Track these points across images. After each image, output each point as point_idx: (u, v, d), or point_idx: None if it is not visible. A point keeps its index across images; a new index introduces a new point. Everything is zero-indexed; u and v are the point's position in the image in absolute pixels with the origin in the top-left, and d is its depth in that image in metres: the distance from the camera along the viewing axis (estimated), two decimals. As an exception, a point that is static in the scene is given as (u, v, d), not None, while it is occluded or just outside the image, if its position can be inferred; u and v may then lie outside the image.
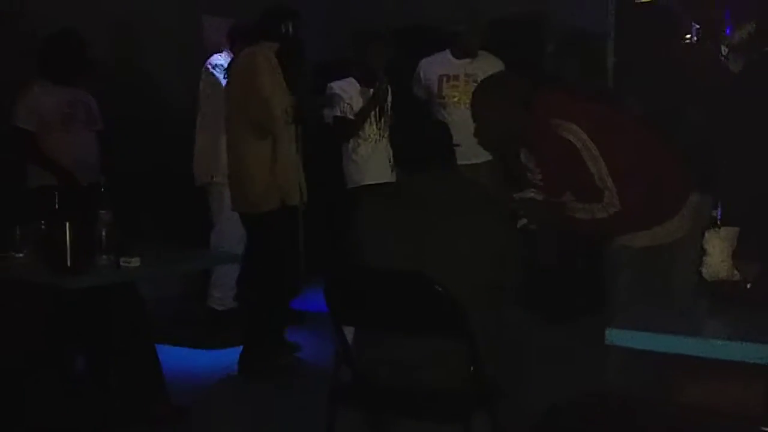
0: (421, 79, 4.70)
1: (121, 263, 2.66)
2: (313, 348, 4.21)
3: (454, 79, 4.60)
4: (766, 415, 1.75)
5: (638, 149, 2.67)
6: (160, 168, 5.01)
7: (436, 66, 4.66)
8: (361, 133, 4.40)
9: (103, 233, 2.70)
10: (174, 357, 4.13)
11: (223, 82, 4.44)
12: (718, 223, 2.13)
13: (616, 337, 1.80)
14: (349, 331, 2.59)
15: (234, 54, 4.41)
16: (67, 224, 2.55)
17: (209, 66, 4.68)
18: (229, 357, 4.18)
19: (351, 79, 4.45)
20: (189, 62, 5.06)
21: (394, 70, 4.50)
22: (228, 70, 4.30)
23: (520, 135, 2.76)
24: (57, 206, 2.64)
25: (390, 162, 4.37)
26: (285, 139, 3.90)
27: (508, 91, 2.78)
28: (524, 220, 2.79)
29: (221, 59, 4.67)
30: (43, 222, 2.77)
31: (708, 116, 3.04)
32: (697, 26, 3.73)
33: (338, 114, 4.43)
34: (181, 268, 3.05)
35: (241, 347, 4.05)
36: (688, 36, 3.82)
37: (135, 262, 2.66)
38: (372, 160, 4.40)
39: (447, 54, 4.66)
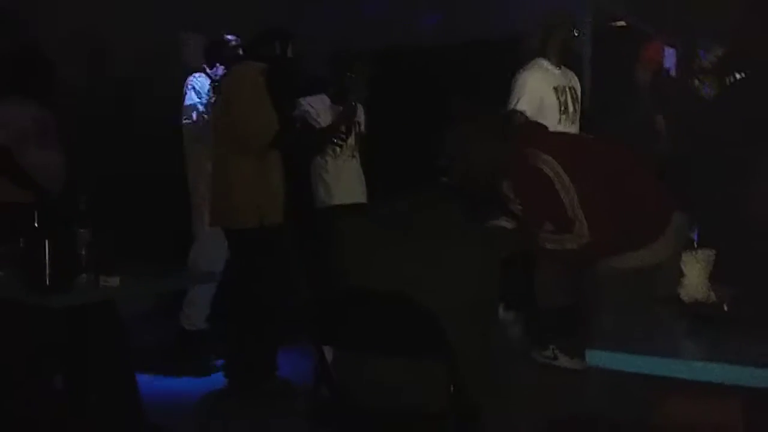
0: (529, 93, 4.17)
1: (101, 282, 2.64)
2: (290, 367, 4.20)
3: (563, 91, 4.24)
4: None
5: (613, 178, 2.70)
6: (141, 182, 5.00)
7: (544, 78, 4.23)
8: (329, 151, 4.42)
9: (83, 252, 2.68)
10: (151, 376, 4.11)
11: (200, 99, 4.49)
12: (696, 245, 2.17)
13: (597, 358, 1.82)
14: (328, 350, 2.59)
15: (217, 70, 4.44)
16: (47, 242, 2.53)
17: (187, 86, 4.68)
18: (206, 377, 4.16)
19: (323, 96, 4.46)
20: (169, 78, 5.07)
21: (378, 91, 4.51)
22: (215, 88, 4.31)
23: (500, 167, 2.79)
24: (36, 224, 2.61)
25: (362, 182, 4.37)
26: (267, 159, 3.91)
27: (486, 125, 2.81)
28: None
29: (197, 79, 4.67)
30: (22, 240, 2.74)
31: (684, 141, 3.09)
32: (671, 49, 3.80)
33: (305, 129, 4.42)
34: (161, 287, 3.03)
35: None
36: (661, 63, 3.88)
37: (114, 281, 2.64)
38: (341, 180, 4.38)
39: (544, 62, 4.28)
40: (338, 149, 4.37)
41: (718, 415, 1.86)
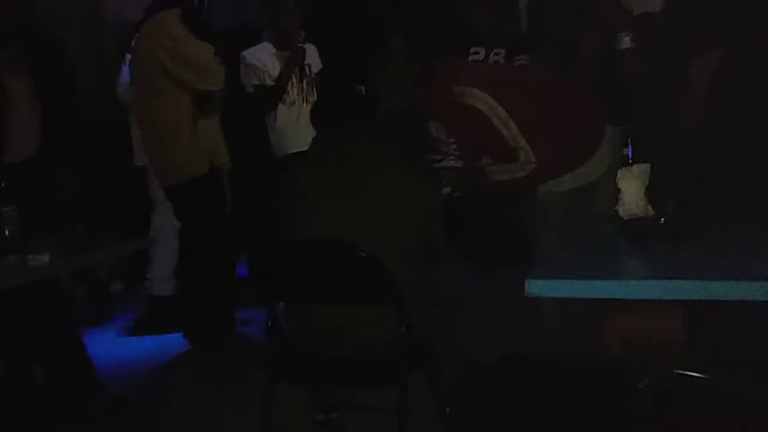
0: None
1: (29, 261, 2.54)
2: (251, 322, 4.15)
3: None
4: (687, 349, 1.77)
5: (544, 101, 2.68)
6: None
7: None
8: (282, 98, 4.30)
9: (7, 232, 2.57)
10: (108, 346, 4.05)
11: None
12: (630, 160, 2.13)
13: (536, 287, 1.78)
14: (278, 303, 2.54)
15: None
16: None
17: None
18: (165, 342, 4.11)
19: (265, 44, 4.30)
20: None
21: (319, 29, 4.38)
22: (135, 42, 4.11)
23: (424, 109, 2.74)
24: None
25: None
26: (209, 99, 3.83)
27: (401, 68, 2.74)
28: (448, 189, 2.78)
29: None
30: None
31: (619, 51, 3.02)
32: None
33: (257, 82, 4.29)
34: (93, 259, 2.95)
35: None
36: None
37: (43, 259, 2.54)
38: (296, 126, 4.26)
39: None
40: (293, 95, 4.26)
41: (662, 331, 1.85)
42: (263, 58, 4.25)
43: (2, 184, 2.68)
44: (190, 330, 4.03)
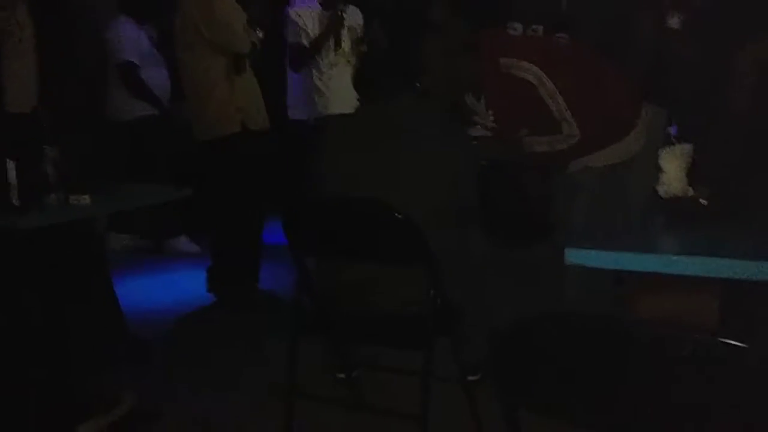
0: None
1: (71, 201, 2.58)
2: (270, 280, 4.20)
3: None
4: (720, 327, 1.79)
5: (586, 76, 2.70)
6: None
7: None
8: (321, 61, 4.32)
9: (50, 170, 2.61)
10: (134, 291, 4.11)
11: None
12: (673, 140, 2.14)
13: (575, 256, 1.80)
14: (310, 262, 2.57)
15: None
16: (11, 162, 2.46)
17: None
18: (191, 291, 4.16)
19: (313, 3, 4.34)
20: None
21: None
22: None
23: (467, 79, 2.76)
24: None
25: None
26: (243, 59, 3.84)
27: (448, 36, 2.75)
28: (482, 158, 2.80)
29: None
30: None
31: (662, 32, 3.02)
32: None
33: (293, 40, 4.34)
34: (132, 203, 2.98)
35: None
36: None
37: (85, 199, 2.59)
38: (334, 89, 4.31)
39: None
40: (331, 57, 4.29)
41: (694, 308, 1.87)
42: (305, 17, 4.28)
43: (45, 123, 2.71)
44: (216, 286, 4.08)
